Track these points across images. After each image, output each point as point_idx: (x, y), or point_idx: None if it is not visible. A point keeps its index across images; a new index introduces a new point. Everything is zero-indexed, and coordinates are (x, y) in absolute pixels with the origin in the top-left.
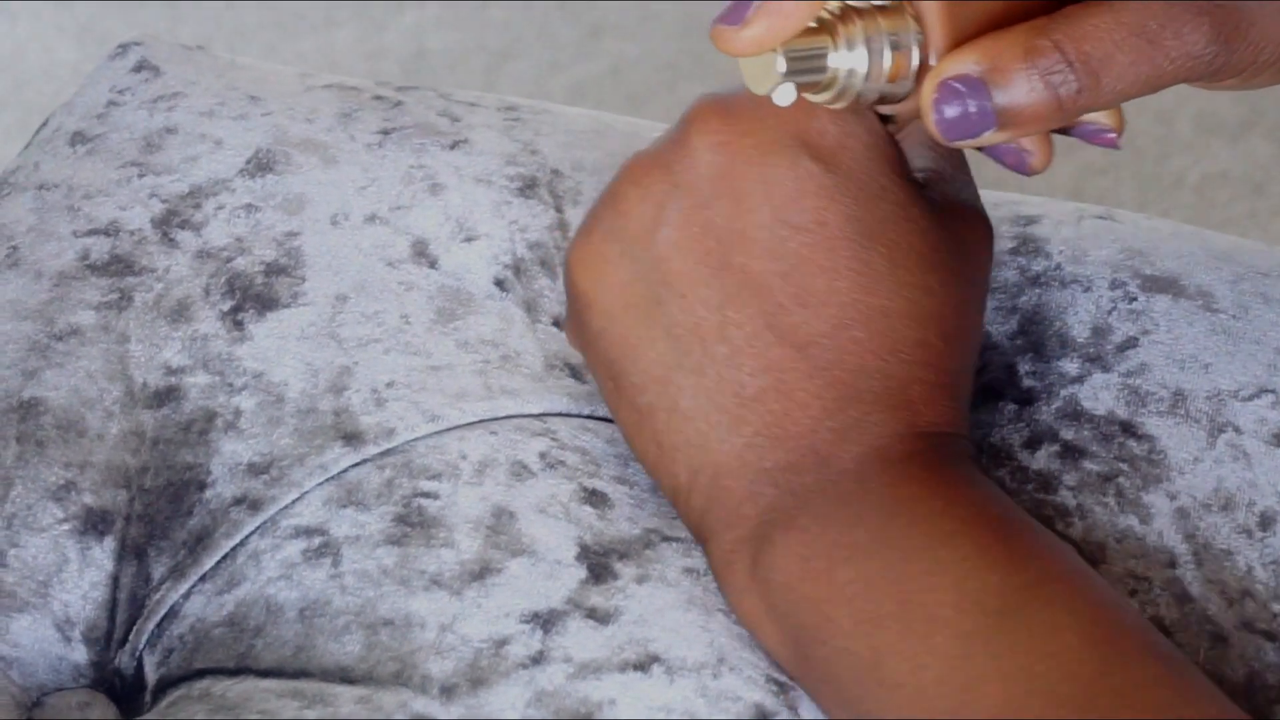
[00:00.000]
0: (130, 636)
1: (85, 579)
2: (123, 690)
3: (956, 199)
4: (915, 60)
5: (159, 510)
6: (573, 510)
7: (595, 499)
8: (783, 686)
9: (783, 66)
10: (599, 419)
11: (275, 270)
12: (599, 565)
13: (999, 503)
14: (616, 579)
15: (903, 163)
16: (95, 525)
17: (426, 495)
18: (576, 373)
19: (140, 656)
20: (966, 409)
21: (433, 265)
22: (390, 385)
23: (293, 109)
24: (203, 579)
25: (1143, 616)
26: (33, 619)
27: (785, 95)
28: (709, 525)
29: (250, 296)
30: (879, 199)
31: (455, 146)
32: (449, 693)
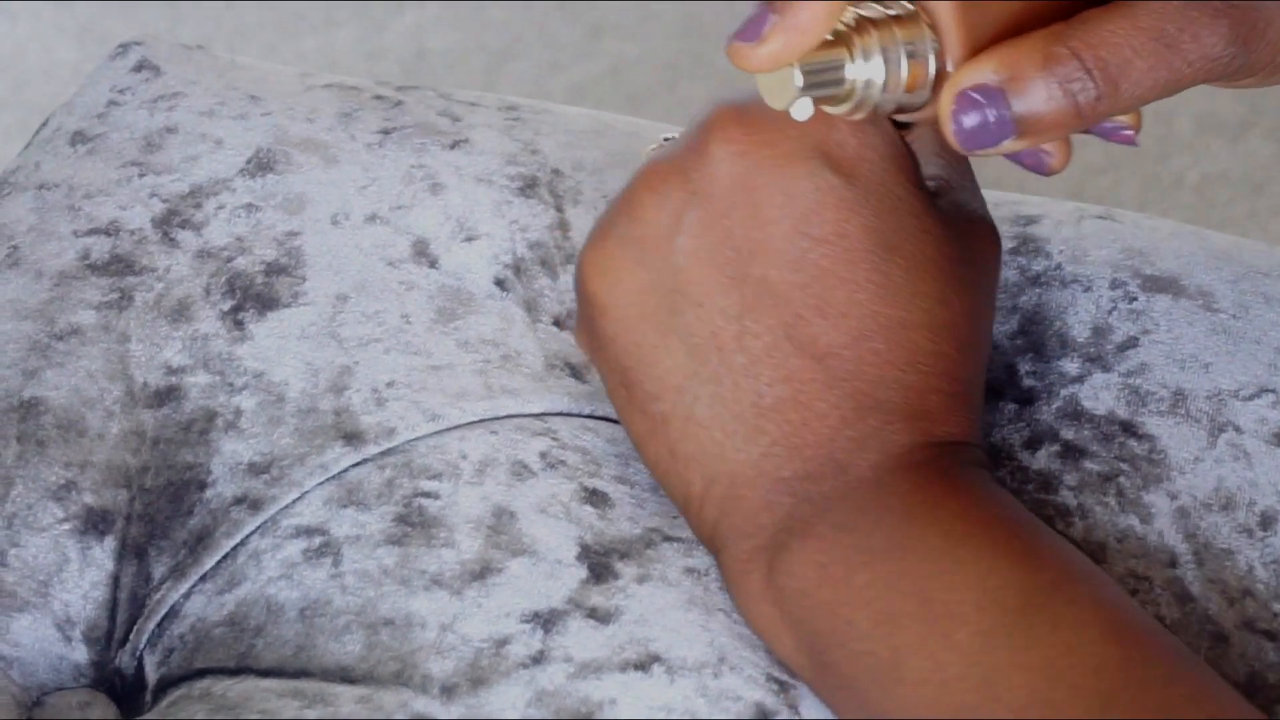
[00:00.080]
0: (131, 636)
1: (86, 578)
2: (123, 690)
3: (966, 208)
4: (932, 69)
5: (159, 510)
6: (573, 510)
7: (596, 499)
8: (783, 685)
9: (800, 81)
10: (599, 418)
11: (276, 270)
12: (600, 565)
13: (1014, 507)
14: (617, 579)
15: (917, 173)
16: (96, 525)
17: (427, 495)
18: (577, 372)
19: (141, 656)
20: (979, 418)
21: (433, 265)
22: (391, 385)
23: (293, 109)
24: (203, 579)
25: (1152, 618)
26: (33, 618)
27: (803, 110)
28: (722, 535)
29: (251, 296)
30: (897, 211)
31: (456, 146)
32: (449, 692)
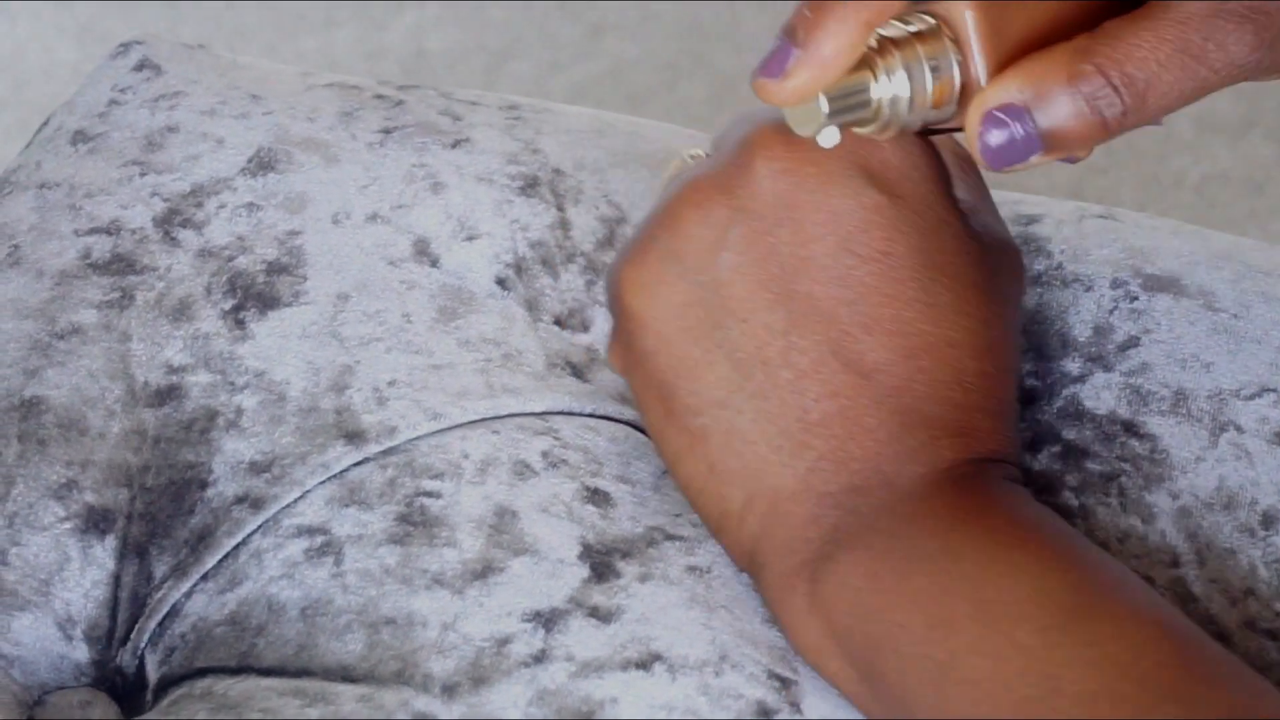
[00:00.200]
0: (132, 635)
1: (87, 577)
2: (124, 689)
3: (992, 229)
4: (958, 83)
5: (161, 509)
6: (575, 509)
7: (598, 498)
8: (785, 683)
9: (826, 108)
10: (601, 417)
11: (277, 269)
12: (601, 564)
13: (1057, 518)
14: (619, 578)
15: (954, 194)
16: (97, 524)
17: (429, 494)
18: (578, 371)
19: (142, 655)
20: (1017, 437)
21: (434, 264)
22: (392, 384)
23: (294, 108)
24: (204, 578)
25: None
26: (34, 617)
27: (830, 137)
28: (764, 552)
29: (252, 295)
30: (940, 230)
31: (457, 145)
32: (451, 691)
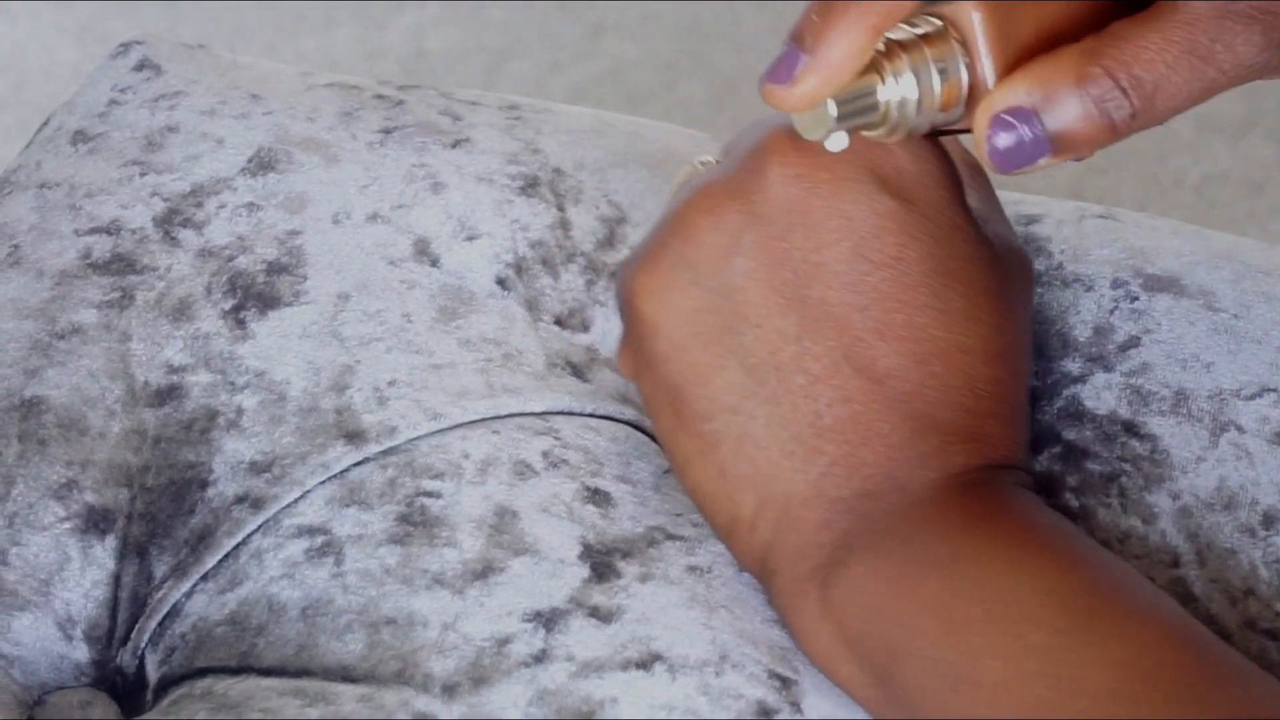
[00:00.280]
0: (132, 635)
1: (87, 577)
2: (124, 689)
3: (1003, 237)
4: (965, 85)
5: (161, 509)
6: (575, 509)
7: (598, 498)
8: (785, 682)
9: (835, 112)
10: (601, 417)
11: (277, 269)
12: (602, 564)
13: (1068, 523)
14: (619, 577)
15: (966, 200)
16: (97, 524)
17: (429, 494)
18: (578, 371)
19: (142, 655)
20: (1027, 443)
21: (434, 264)
22: (392, 384)
23: (294, 108)
24: (205, 578)
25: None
26: (34, 617)
27: (838, 142)
28: (776, 557)
29: (252, 295)
30: (952, 237)
31: (457, 145)
32: (451, 691)
